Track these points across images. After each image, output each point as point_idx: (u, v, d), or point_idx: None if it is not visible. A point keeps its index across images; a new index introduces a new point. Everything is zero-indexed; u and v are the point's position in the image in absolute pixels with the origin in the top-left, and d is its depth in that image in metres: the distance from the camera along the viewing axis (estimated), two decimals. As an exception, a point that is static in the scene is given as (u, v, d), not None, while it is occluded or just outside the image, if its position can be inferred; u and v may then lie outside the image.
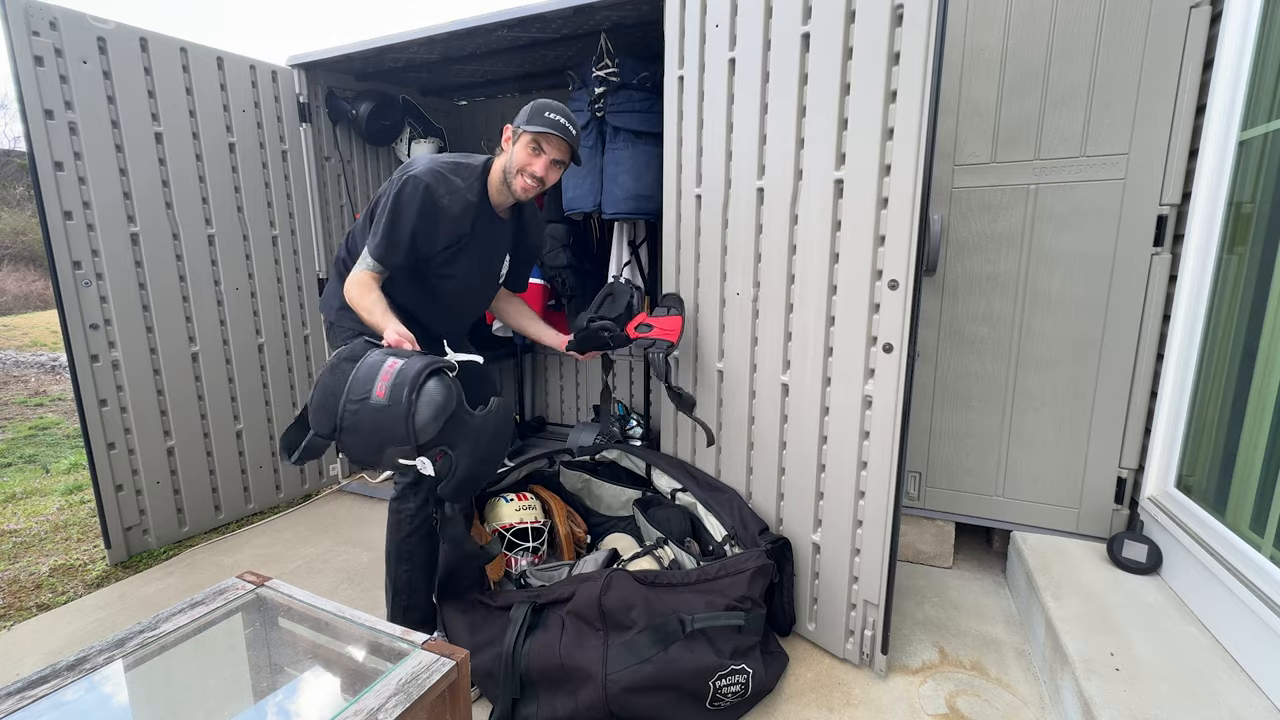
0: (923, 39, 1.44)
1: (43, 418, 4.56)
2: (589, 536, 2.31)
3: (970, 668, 1.81)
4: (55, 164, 2.17)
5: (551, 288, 2.99)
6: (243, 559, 2.47)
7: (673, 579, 1.60)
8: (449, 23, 2.48)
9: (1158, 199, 1.95)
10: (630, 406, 3.57)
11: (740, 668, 1.55)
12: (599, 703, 1.48)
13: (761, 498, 1.99)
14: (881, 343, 1.60)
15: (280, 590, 1.35)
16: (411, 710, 1.01)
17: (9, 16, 2.04)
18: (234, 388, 2.71)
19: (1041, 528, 2.22)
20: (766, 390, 1.90)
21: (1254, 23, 1.71)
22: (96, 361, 2.30)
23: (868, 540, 1.70)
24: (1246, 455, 1.64)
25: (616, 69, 2.44)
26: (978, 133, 2.14)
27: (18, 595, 2.22)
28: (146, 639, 1.19)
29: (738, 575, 1.62)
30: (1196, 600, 1.73)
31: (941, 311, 2.27)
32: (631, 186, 2.46)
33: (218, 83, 2.57)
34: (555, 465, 2.54)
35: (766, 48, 1.77)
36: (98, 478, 2.33)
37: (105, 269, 2.29)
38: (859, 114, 1.58)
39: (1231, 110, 1.76)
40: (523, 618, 1.56)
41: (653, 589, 1.59)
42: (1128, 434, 2.07)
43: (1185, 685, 1.45)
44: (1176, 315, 1.92)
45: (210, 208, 2.57)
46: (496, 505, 2.28)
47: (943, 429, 2.33)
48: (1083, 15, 1.96)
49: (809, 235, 1.73)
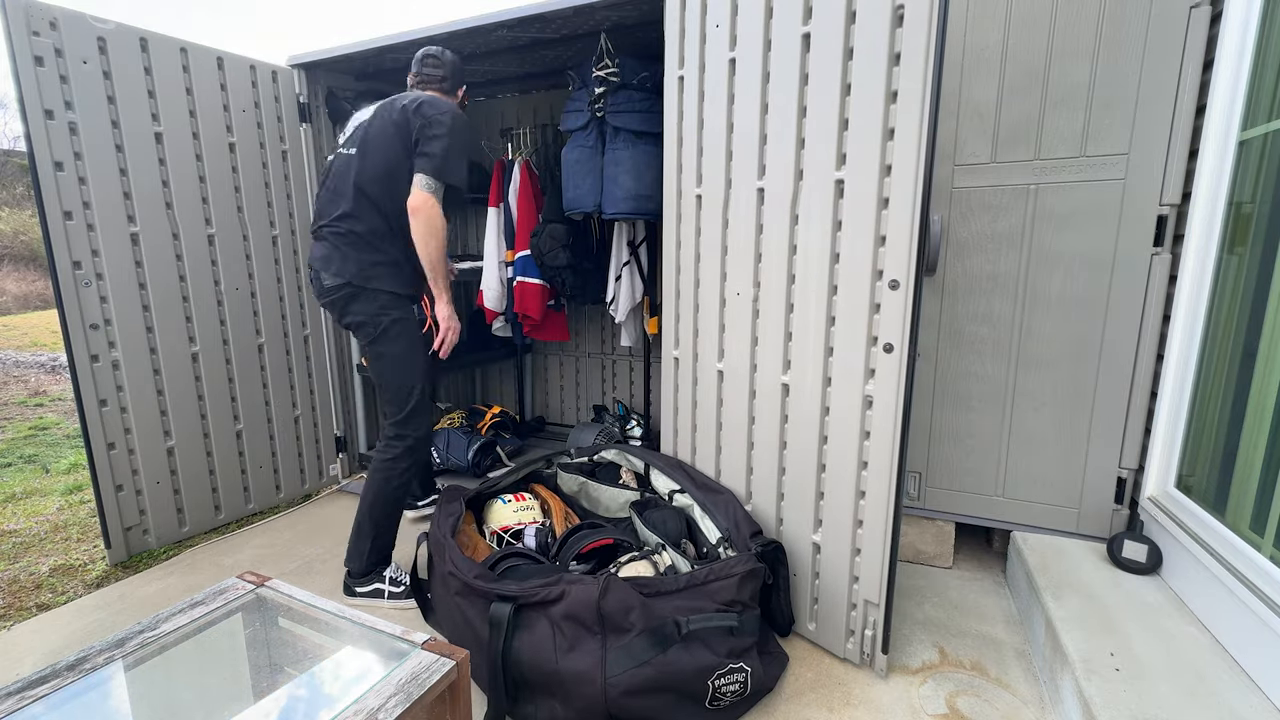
0: (923, 39, 1.44)
1: (42, 418, 4.56)
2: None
3: (970, 668, 1.81)
4: (55, 164, 2.17)
5: (552, 288, 3.00)
6: (243, 559, 2.47)
7: (663, 586, 1.59)
8: (449, 23, 2.48)
9: (1158, 199, 1.95)
10: (630, 406, 3.57)
11: (739, 666, 1.54)
12: (598, 705, 1.48)
13: (761, 498, 1.99)
14: (882, 343, 1.60)
15: (280, 590, 1.35)
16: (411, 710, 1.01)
17: (9, 16, 2.04)
18: (234, 388, 2.71)
19: (1041, 528, 2.22)
20: (767, 390, 1.90)
21: (1254, 23, 1.71)
22: (96, 361, 2.30)
23: (868, 540, 1.70)
24: (1246, 455, 1.64)
25: (616, 69, 2.44)
26: (978, 133, 2.14)
27: (18, 595, 2.22)
28: (146, 639, 1.19)
29: (727, 579, 1.62)
30: (1196, 600, 1.73)
31: (942, 311, 2.27)
32: (631, 187, 2.46)
33: (218, 83, 2.57)
34: (553, 467, 2.55)
35: (767, 48, 1.77)
36: (98, 478, 2.33)
37: (105, 269, 2.29)
38: (860, 114, 1.58)
39: (1231, 110, 1.77)
40: (506, 620, 1.55)
41: (643, 595, 1.58)
42: (1128, 434, 2.07)
43: (1185, 685, 1.45)
44: (1176, 315, 1.92)
45: (210, 208, 2.57)
46: (494, 507, 2.28)
47: (943, 429, 2.33)
48: (1083, 15, 1.96)
49: (809, 235, 1.73)
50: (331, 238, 2.06)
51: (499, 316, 3.24)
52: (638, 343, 3.11)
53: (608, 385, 3.74)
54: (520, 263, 2.99)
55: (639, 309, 2.99)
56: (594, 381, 3.78)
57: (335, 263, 2.05)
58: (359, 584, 2.14)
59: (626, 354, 3.64)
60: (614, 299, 2.90)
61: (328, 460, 3.14)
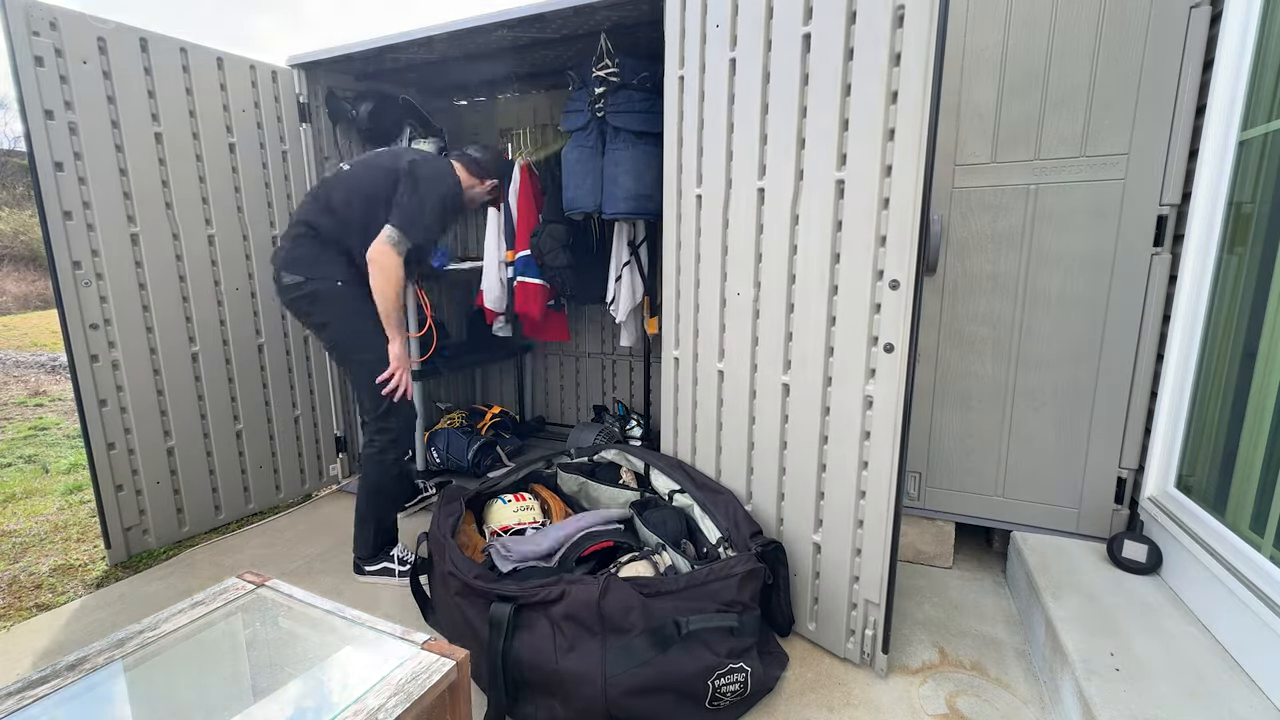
0: (924, 39, 1.44)
1: (42, 418, 4.56)
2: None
3: (970, 668, 1.81)
4: (55, 164, 2.16)
5: (552, 288, 2.99)
6: (243, 559, 2.47)
7: (663, 586, 1.59)
8: (449, 23, 2.47)
9: (1158, 199, 1.95)
10: (630, 406, 3.57)
11: (739, 666, 1.54)
12: (598, 705, 1.47)
13: (762, 498, 1.99)
14: (882, 343, 1.60)
15: (280, 590, 1.35)
16: (411, 710, 1.01)
17: (9, 16, 2.04)
18: (234, 388, 2.71)
19: (1041, 528, 2.22)
20: (767, 390, 1.90)
21: (1254, 23, 1.71)
22: (96, 361, 2.30)
23: (868, 540, 1.70)
24: (1246, 455, 1.64)
25: (616, 69, 2.44)
26: (978, 133, 2.14)
27: (17, 595, 2.22)
28: (146, 639, 1.19)
29: (728, 579, 1.62)
30: (1197, 600, 1.73)
31: (942, 312, 2.27)
32: (632, 187, 2.46)
33: (218, 83, 2.57)
34: (553, 467, 2.55)
35: (767, 48, 1.77)
36: (97, 478, 2.33)
37: (105, 269, 2.29)
38: (860, 114, 1.58)
39: (1231, 110, 1.76)
40: (506, 620, 1.56)
41: (643, 595, 1.58)
42: (1128, 434, 2.07)
43: (1185, 686, 1.45)
44: (1176, 315, 1.92)
45: (210, 208, 2.57)
46: (494, 507, 2.28)
47: (943, 429, 2.33)
48: (1083, 15, 1.96)
49: (810, 235, 1.73)
50: (293, 238, 2.14)
51: (499, 317, 3.24)
52: (638, 343, 3.11)
53: (608, 385, 3.74)
54: (520, 262, 2.99)
55: (639, 309, 2.99)
56: (594, 381, 3.78)
57: (294, 262, 2.12)
58: (368, 564, 2.25)
59: (626, 354, 3.64)
60: (614, 299, 2.90)
61: (327, 460, 3.13)
